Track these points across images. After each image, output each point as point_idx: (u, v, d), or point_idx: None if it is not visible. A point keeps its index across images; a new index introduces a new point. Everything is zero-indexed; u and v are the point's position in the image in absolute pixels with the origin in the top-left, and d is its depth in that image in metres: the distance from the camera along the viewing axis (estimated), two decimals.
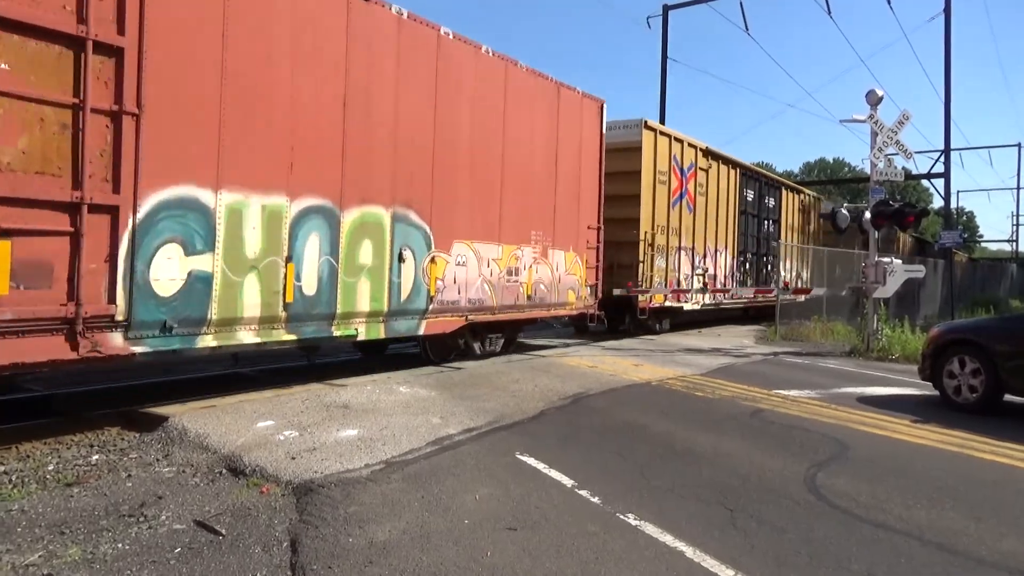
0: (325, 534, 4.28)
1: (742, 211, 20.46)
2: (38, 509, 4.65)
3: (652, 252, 15.94)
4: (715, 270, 18.88)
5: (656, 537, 4.40)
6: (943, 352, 9.03)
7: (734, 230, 19.94)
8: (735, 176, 19.95)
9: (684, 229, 17.27)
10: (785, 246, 22.85)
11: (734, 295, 19.13)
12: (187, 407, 7.02)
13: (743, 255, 20.73)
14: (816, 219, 27.09)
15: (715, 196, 18.79)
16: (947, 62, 28.31)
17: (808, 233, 26.21)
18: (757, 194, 21.59)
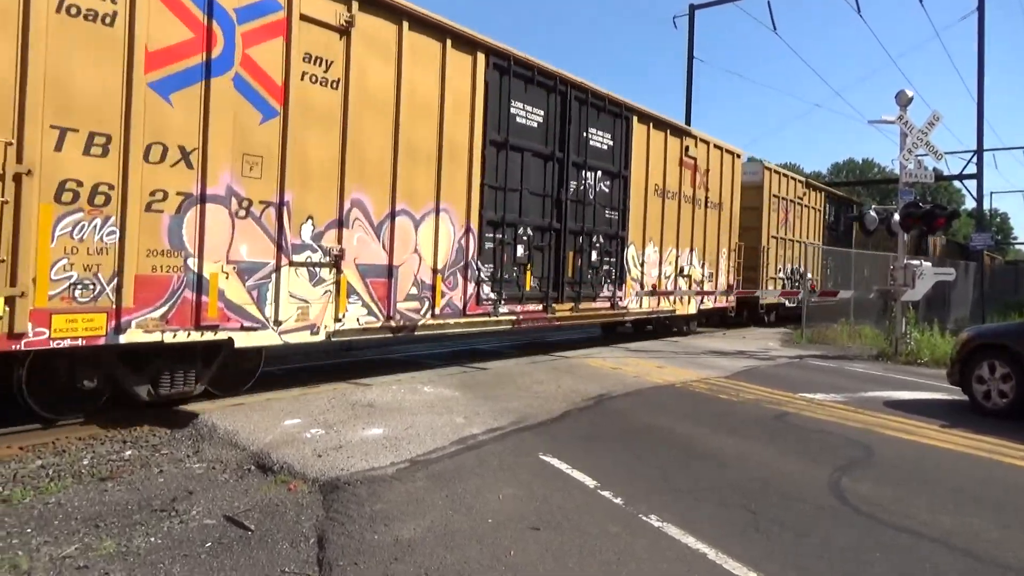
0: (351, 531, 4.36)
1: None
2: (74, 503, 4.78)
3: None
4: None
5: (678, 539, 4.42)
6: (973, 356, 8.93)
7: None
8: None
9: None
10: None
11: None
12: (216, 404, 7.16)
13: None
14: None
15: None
16: (980, 61, 27.83)
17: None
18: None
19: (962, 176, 30.93)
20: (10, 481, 5.23)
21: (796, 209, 22.34)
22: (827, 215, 25.05)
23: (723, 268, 17.43)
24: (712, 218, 16.87)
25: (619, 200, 13.33)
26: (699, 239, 16.27)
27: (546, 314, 11.55)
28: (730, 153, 17.71)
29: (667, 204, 14.92)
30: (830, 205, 25.59)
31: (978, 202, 29.57)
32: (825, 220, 24.75)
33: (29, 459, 5.79)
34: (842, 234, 26.13)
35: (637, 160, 13.83)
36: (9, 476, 5.34)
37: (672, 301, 15.32)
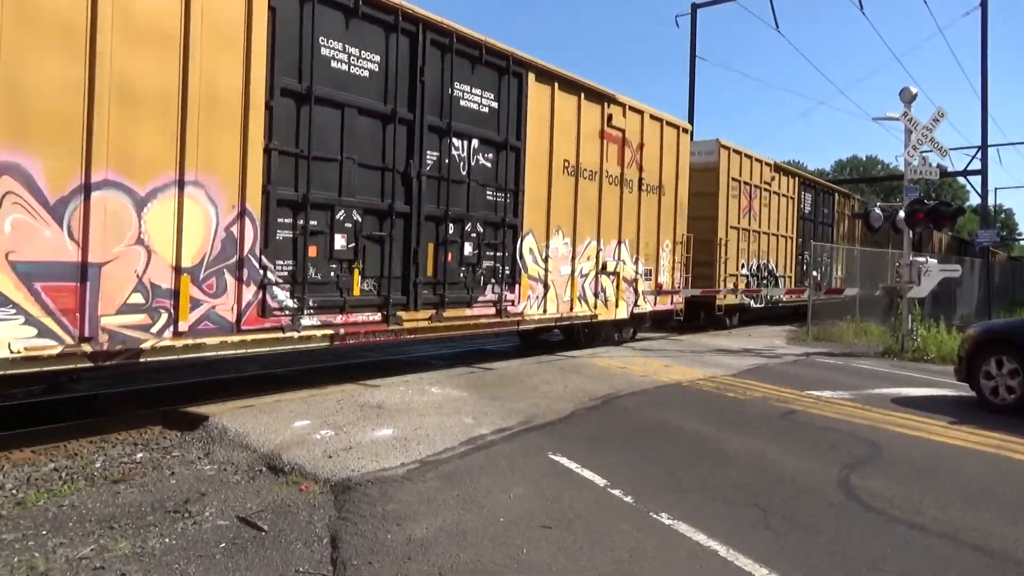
0: (364, 531, 4.39)
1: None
2: (88, 505, 4.82)
3: None
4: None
5: (689, 536, 4.44)
6: (980, 352, 8.93)
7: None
8: None
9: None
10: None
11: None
12: (226, 407, 7.20)
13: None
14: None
15: None
16: (984, 56, 27.79)
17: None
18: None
19: (967, 172, 30.88)
20: (24, 484, 5.28)
21: (763, 196, 19.75)
22: (802, 204, 22.57)
23: (665, 264, 14.74)
24: (650, 204, 14.04)
25: (509, 178, 10.38)
26: (630, 229, 13.46)
27: (387, 325, 8.74)
28: (673, 127, 14.79)
29: (583, 185, 12.05)
30: (806, 193, 23.14)
31: (983, 198, 29.53)
32: (799, 209, 22.29)
33: (42, 462, 5.84)
34: (822, 225, 24.07)
35: (536, 129, 10.87)
36: (23, 479, 5.38)
37: (593, 304, 12.56)
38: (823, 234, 23.98)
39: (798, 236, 22.07)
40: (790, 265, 21.74)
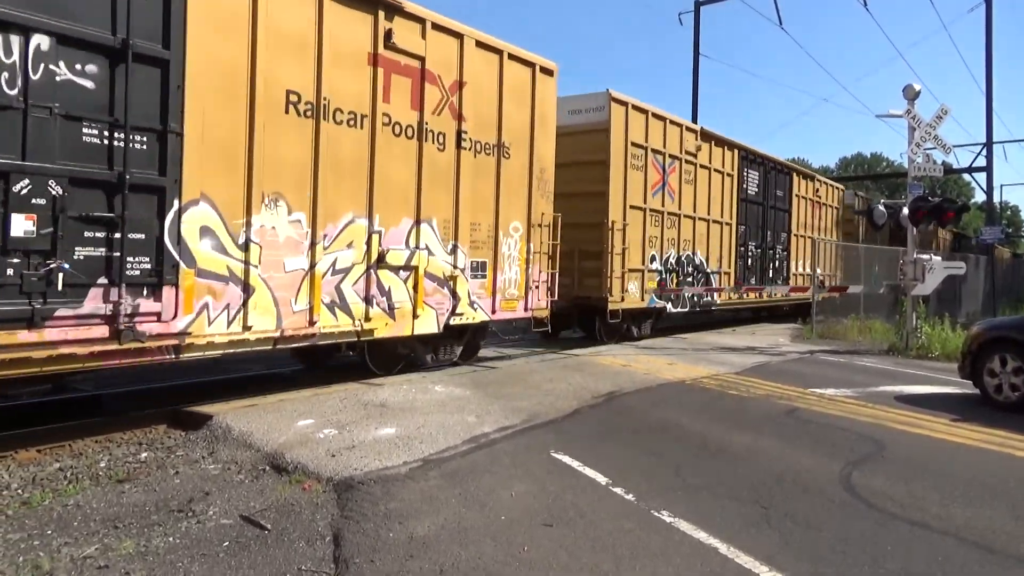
0: (366, 529, 4.41)
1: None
2: (92, 504, 4.85)
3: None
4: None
5: (690, 534, 4.45)
6: (984, 350, 8.91)
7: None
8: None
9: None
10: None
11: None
12: (230, 406, 7.23)
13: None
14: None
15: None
16: (988, 53, 27.76)
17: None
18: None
19: (972, 169, 30.82)
20: (29, 484, 5.31)
21: (685, 170, 15.54)
22: (744, 183, 18.36)
23: (513, 255, 10.65)
24: (481, 170, 10.03)
25: (142, 109, 6.25)
26: (442, 204, 9.45)
27: None
28: (523, 64, 10.72)
29: (335, 134, 8.06)
30: (750, 170, 18.80)
31: (988, 195, 29.49)
32: (740, 189, 18.11)
33: (47, 462, 5.87)
34: (774, 210, 20.23)
35: (219, 33, 6.89)
36: (28, 479, 5.42)
37: (362, 314, 8.47)
38: (776, 222, 20.43)
39: (739, 223, 18.12)
40: (728, 258, 17.71)
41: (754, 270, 19.36)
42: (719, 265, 17.42)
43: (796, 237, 21.60)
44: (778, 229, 20.66)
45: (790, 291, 20.03)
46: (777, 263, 20.66)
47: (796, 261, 21.66)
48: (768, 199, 19.92)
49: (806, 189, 22.43)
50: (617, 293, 13.72)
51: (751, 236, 19.07)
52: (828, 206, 24.15)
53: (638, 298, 14.39)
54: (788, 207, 21.14)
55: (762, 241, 19.70)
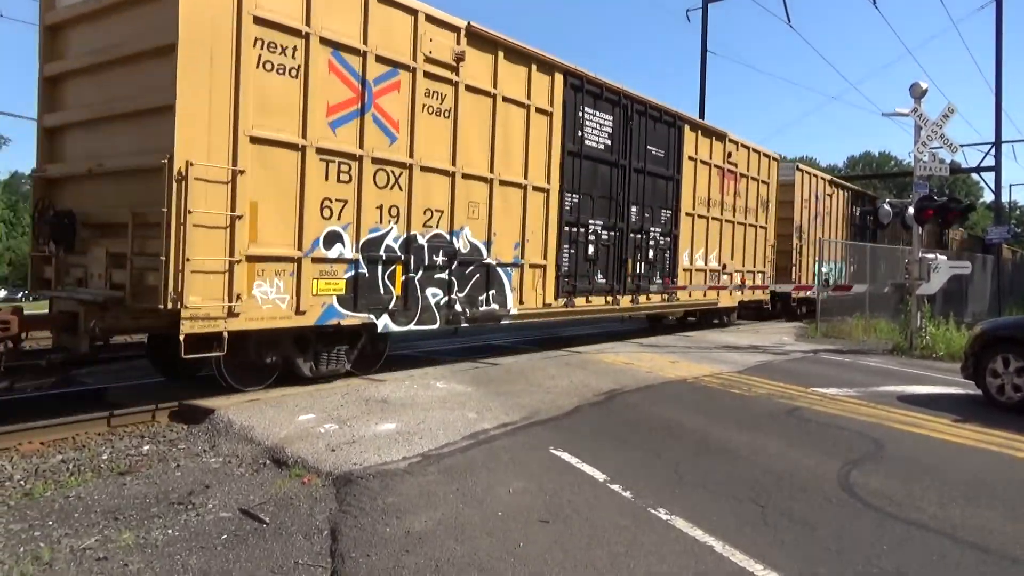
0: (364, 523, 4.44)
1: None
2: (94, 496, 4.90)
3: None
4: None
5: (686, 531, 4.47)
6: (987, 350, 8.88)
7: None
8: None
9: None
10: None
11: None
12: (232, 400, 7.27)
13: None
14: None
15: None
16: (998, 51, 27.61)
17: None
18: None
19: (980, 168, 30.65)
20: (32, 475, 5.37)
21: (427, 91, 9.27)
22: (578, 128, 11.93)
23: None
24: None
25: None
26: None
27: None
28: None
29: None
30: (590, 109, 12.18)
31: (996, 195, 29.37)
32: (569, 137, 11.71)
33: (50, 454, 5.93)
34: (642, 175, 13.72)
35: None
36: (31, 470, 5.47)
37: None
38: (649, 193, 13.94)
39: (566, 189, 11.78)
40: (541, 242, 11.40)
41: (600, 263, 12.68)
42: (519, 252, 10.91)
43: (691, 218, 15.30)
44: (654, 204, 14.09)
45: (674, 291, 14.88)
46: (653, 254, 14.19)
47: (691, 250, 15.38)
48: (631, 158, 13.20)
49: (711, 151, 16.00)
50: (203, 299, 6.88)
51: (594, 212, 12.38)
52: (755, 180, 18.01)
53: (283, 308, 7.64)
54: (674, 173, 14.65)
55: (618, 221, 12.96)
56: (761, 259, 18.72)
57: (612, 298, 13.04)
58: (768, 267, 19.15)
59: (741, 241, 17.55)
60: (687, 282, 15.32)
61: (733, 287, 17.23)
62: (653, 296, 14.30)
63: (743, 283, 17.59)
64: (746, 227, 17.71)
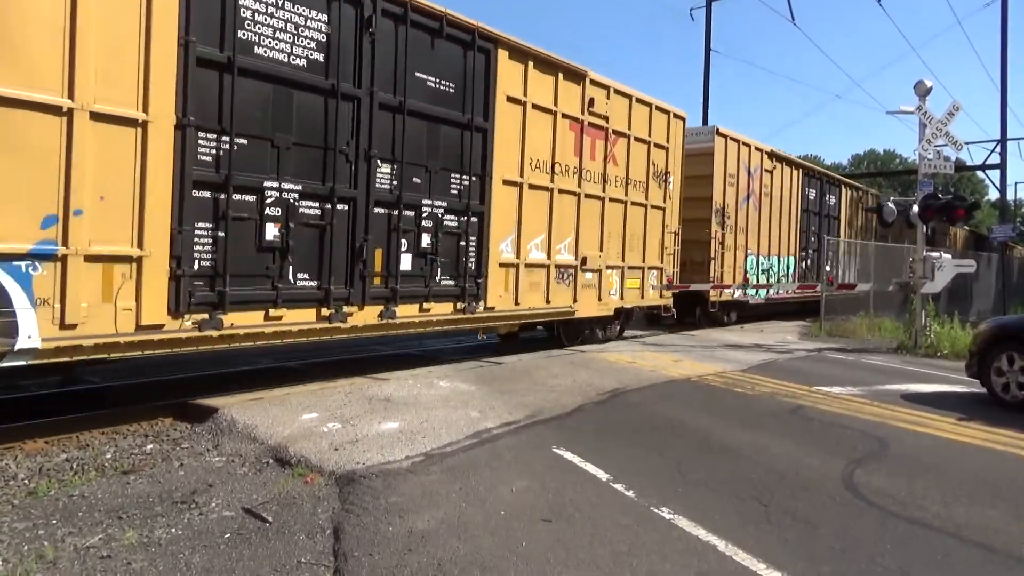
0: (366, 522, 4.44)
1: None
2: (97, 495, 4.91)
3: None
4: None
5: (689, 531, 4.46)
6: (991, 349, 8.86)
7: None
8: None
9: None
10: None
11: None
12: (236, 399, 7.28)
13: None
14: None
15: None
16: (1003, 48, 27.53)
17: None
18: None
19: (985, 166, 30.56)
20: (36, 474, 5.38)
21: None
22: (226, 18, 7.07)
23: None
24: None
25: None
26: None
27: None
28: None
29: None
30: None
31: (1002, 192, 29.30)
32: (188, 32, 6.71)
33: (54, 453, 5.95)
34: (417, 122, 9.09)
35: None
36: (35, 469, 5.49)
37: None
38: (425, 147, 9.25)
39: None
40: None
41: (300, 254, 7.80)
42: (56, 231, 6.21)
43: (515, 189, 10.58)
44: (435, 164, 9.33)
45: (476, 297, 9.92)
46: (434, 241, 9.34)
47: (516, 237, 10.62)
48: (374, 86, 8.50)
49: (555, 95, 11.20)
50: None
51: (283, 168, 7.63)
52: (643, 143, 13.46)
53: None
54: (477, 120, 9.87)
55: (342, 185, 8.20)
56: (656, 250, 13.97)
57: (333, 311, 8.09)
58: (669, 261, 14.38)
59: (619, 226, 12.84)
60: (506, 284, 10.40)
61: (610, 288, 12.74)
62: (436, 305, 9.34)
63: (622, 283, 13.07)
64: (628, 206, 12.89)
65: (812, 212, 21.85)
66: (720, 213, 16.95)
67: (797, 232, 20.80)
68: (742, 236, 17.83)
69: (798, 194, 20.76)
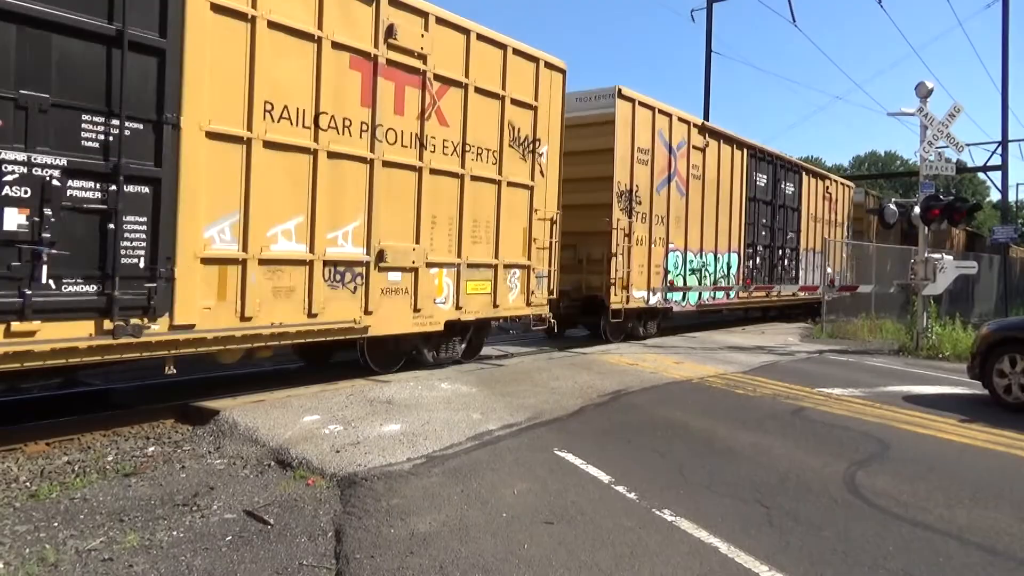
0: (368, 525, 4.44)
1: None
2: (99, 497, 4.91)
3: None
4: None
5: (691, 533, 4.45)
6: (993, 350, 8.85)
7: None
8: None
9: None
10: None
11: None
12: (237, 401, 7.28)
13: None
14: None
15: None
16: (1004, 49, 27.51)
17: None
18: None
19: (986, 168, 30.54)
20: (37, 477, 5.38)
21: None
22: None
23: None
24: None
25: None
26: None
27: None
28: None
29: None
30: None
31: (1003, 194, 29.27)
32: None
33: (56, 455, 5.94)
34: None
35: None
36: (37, 472, 5.48)
37: None
38: None
39: None
40: None
41: None
42: None
43: (226, 147, 6.99)
44: None
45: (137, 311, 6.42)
46: None
47: (246, 218, 7.14)
48: None
49: (320, 9, 7.81)
50: None
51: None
52: (496, 98, 10.16)
53: None
54: (153, 35, 6.37)
55: None
56: (519, 243, 10.53)
57: None
58: (541, 257, 10.91)
59: (452, 208, 9.48)
60: (219, 289, 6.91)
61: (436, 295, 9.28)
62: (50, 325, 5.76)
63: (458, 286, 9.57)
64: (466, 182, 9.60)
65: (762, 201, 18.28)
66: (626, 197, 13.24)
67: (741, 224, 17.27)
68: (661, 227, 14.24)
69: (743, 179, 17.27)
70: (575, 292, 13.27)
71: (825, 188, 22.14)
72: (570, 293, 13.10)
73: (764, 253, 18.29)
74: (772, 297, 17.60)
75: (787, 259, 19.63)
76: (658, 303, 14.33)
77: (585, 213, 12.67)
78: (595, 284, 13.15)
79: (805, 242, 20.61)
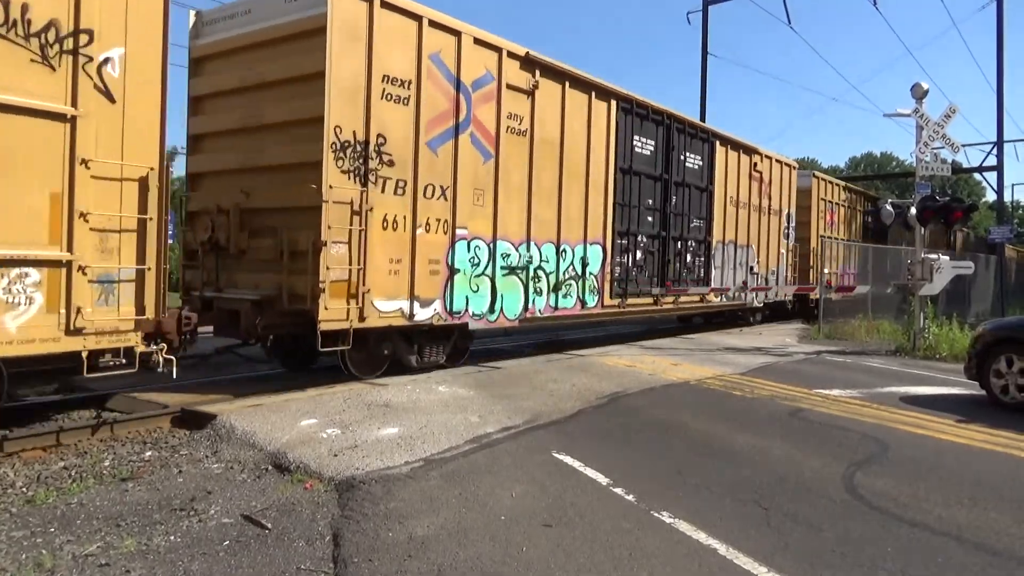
0: (366, 529, 4.42)
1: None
2: (96, 502, 4.89)
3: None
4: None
5: (689, 535, 4.45)
6: (990, 350, 8.86)
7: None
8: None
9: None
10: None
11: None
12: (234, 405, 7.26)
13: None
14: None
15: None
16: (999, 50, 27.54)
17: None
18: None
19: (982, 168, 30.58)
20: (34, 482, 5.35)
21: None
22: None
23: None
24: None
25: None
26: None
27: None
28: None
29: None
30: None
31: (999, 194, 29.28)
32: None
33: (52, 460, 5.92)
34: None
35: None
36: (33, 477, 5.46)
37: None
38: None
39: None
40: None
41: None
42: None
43: None
44: None
45: None
46: None
47: None
48: None
49: None
50: None
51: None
52: None
53: None
54: None
55: None
56: (37, 216, 5.75)
57: None
58: (102, 246, 6.13)
59: None
60: None
61: None
62: None
63: None
64: None
65: (646, 175, 13.57)
66: (355, 152, 8.26)
67: (606, 207, 12.49)
68: (439, 203, 9.34)
69: (608, 142, 12.48)
70: (278, 302, 8.38)
71: (753, 165, 17.44)
72: (273, 303, 8.39)
73: (650, 246, 13.77)
74: (665, 304, 13.77)
75: (690, 254, 15.10)
76: (436, 318, 9.42)
77: (286, 178, 8.41)
78: (299, 290, 8.19)
79: (720, 233, 16.16)
